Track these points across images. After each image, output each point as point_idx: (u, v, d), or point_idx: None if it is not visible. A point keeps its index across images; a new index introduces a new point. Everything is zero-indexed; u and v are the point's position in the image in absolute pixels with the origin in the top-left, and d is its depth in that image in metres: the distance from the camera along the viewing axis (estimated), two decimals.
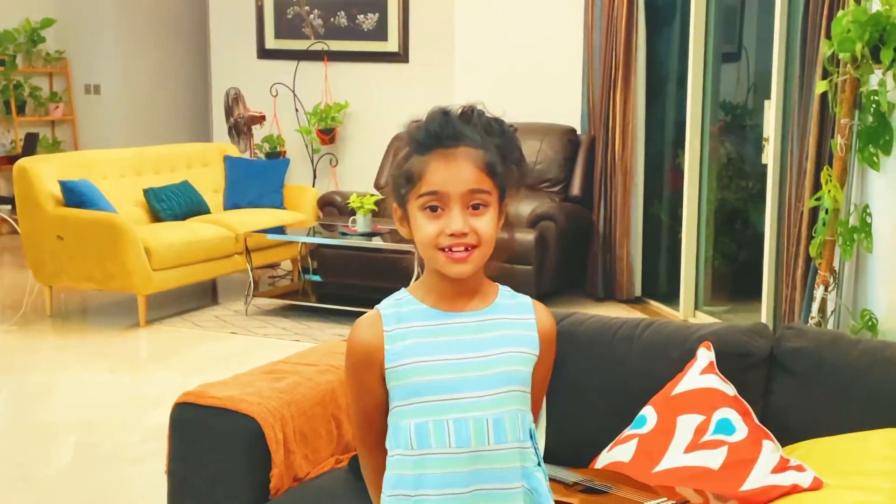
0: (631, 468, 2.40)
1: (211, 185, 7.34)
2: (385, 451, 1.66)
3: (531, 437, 1.65)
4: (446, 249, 1.57)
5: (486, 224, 1.58)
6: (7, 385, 5.10)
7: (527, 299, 1.70)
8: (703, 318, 6.01)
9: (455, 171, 1.57)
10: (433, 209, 1.58)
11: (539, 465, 1.66)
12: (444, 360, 1.60)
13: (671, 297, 6.45)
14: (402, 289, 1.69)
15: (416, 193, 1.59)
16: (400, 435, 1.62)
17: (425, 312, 1.63)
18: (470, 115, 1.61)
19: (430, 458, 1.59)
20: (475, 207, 1.58)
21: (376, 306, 1.66)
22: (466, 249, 1.57)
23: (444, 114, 1.60)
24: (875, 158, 3.90)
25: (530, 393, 1.66)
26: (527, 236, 6.17)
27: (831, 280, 4.07)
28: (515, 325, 1.66)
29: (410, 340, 1.61)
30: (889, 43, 3.70)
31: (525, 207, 6.35)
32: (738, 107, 6.37)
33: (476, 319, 1.64)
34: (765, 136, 5.13)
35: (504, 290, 1.70)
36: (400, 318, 1.63)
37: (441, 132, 1.58)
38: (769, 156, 5.07)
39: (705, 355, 2.55)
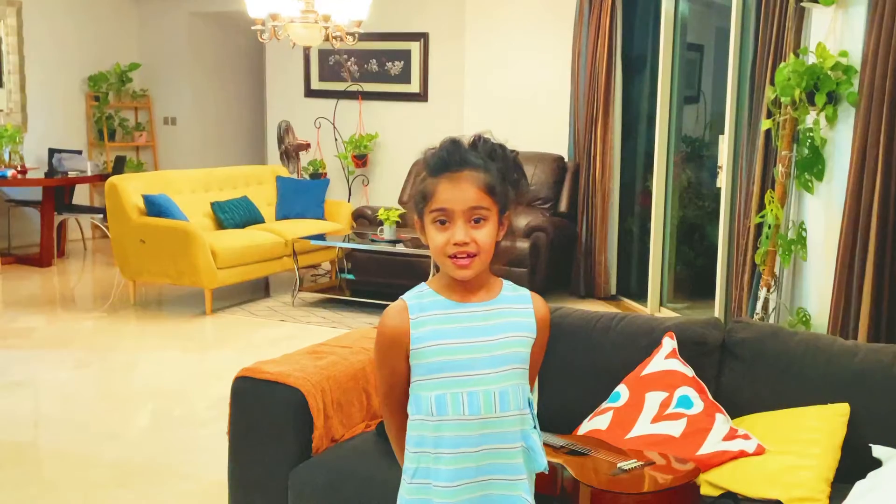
0: (607, 435, 2.40)
1: (265, 200, 7.36)
2: (405, 415, 1.65)
3: (529, 405, 1.65)
4: (453, 257, 1.57)
5: (485, 235, 1.57)
6: (98, 361, 5.12)
7: (526, 292, 1.69)
8: (666, 313, 5.99)
9: (460, 192, 1.56)
10: (442, 222, 1.57)
11: (535, 427, 1.66)
12: (459, 343, 1.59)
13: (641, 295, 6.43)
14: (423, 283, 1.68)
15: (429, 209, 1.58)
16: (421, 404, 1.61)
17: (442, 303, 1.62)
18: (477, 142, 1.60)
19: (447, 424, 1.59)
20: (476, 221, 1.56)
21: (401, 297, 1.64)
22: (468, 256, 1.56)
23: (454, 142, 1.59)
24: (810, 184, 3.89)
25: (528, 369, 1.66)
26: (523, 244, 6.18)
27: (772, 283, 4.05)
28: (517, 313, 1.65)
29: (431, 326, 1.60)
30: (822, 89, 3.70)
31: (521, 221, 6.35)
32: (697, 140, 6.36)
33: (484, 309, 1.62)
34: (719, 164, 5.12)
35: (507, 284, 1.68)
36: (422, 307, 1.62)
37: (450, 158, 1.57)
38: (722, 181, 5.05)
39: (669, 343, 2.54)
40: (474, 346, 1.60)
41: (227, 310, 6.30)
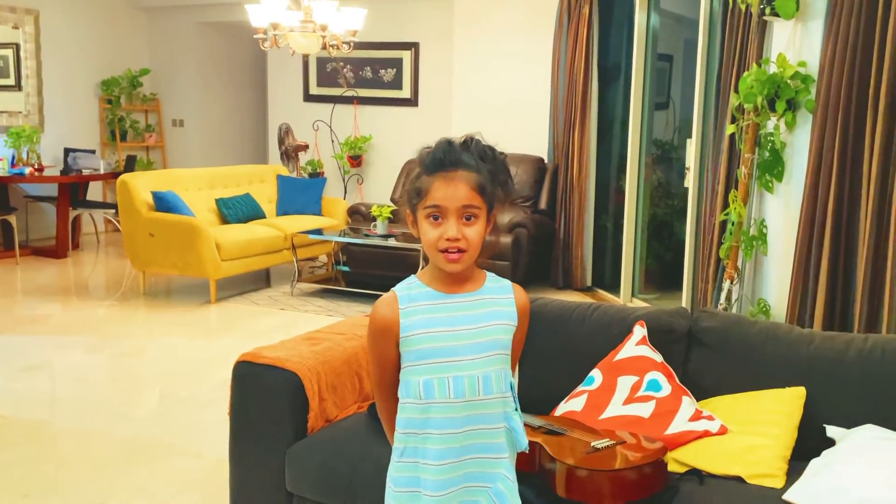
0: (582, 416, 2.39)
1: (266, 197, 7.32)
2: (396, 398, 1.64)
3: (511, 389, 1.64)
4: (444, 251, 1.55)
5: (474, 233, 1.55)
6: (109, 346, 5.09)
7: (507, 283, 1.68)
8: (638, 303, 6.00)
9: (453, 190, 1.53)
10: (435, 218, 1.55)
11: (516, 410, 1.64)
12: (445, 331, 1.58)
13: (614, 287, 6.44)
14: (412, 275, 1.66)
15: (423, 205, 1.56)
16: (410, 388, 1.59)
17: (430, 294, 1.60)
18: (469, 144, 1.58)
19: (434, 406, 1.57)
20: (467, 219, 1.54)
21: (392, 289, 1.63)
22: (459, 251, 1.54)
23: (448, 143, 1.57)
24: (770, 184, 3.89)
25: (510, 354, 1.64)
26: (505, 239, 6.18)
27: (735, 276, 4.06)
28: (499, 303, 1.63)
29: (420, 316, 1.58)
30: (782, 97, 3.70)
31: (504, 217, 6.35)
32: (666, 143, 6.36)
33: (469, 299, 1.61)
34: (687, 166, 5.12)
35: (490, 276, 1.66)
36: (411, 298, 1.60)
37: (445, 158, 1.55)
38: (690, 181, 5.06)
39: (639, 331, 2.54)
40: (459, 333, 1.58)
41: (231, 299, 6.28)
